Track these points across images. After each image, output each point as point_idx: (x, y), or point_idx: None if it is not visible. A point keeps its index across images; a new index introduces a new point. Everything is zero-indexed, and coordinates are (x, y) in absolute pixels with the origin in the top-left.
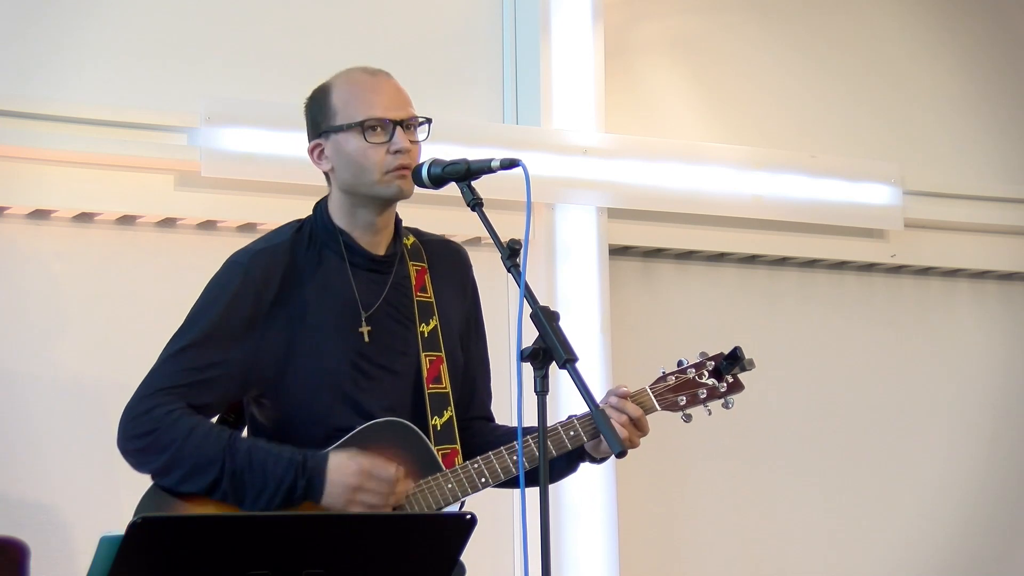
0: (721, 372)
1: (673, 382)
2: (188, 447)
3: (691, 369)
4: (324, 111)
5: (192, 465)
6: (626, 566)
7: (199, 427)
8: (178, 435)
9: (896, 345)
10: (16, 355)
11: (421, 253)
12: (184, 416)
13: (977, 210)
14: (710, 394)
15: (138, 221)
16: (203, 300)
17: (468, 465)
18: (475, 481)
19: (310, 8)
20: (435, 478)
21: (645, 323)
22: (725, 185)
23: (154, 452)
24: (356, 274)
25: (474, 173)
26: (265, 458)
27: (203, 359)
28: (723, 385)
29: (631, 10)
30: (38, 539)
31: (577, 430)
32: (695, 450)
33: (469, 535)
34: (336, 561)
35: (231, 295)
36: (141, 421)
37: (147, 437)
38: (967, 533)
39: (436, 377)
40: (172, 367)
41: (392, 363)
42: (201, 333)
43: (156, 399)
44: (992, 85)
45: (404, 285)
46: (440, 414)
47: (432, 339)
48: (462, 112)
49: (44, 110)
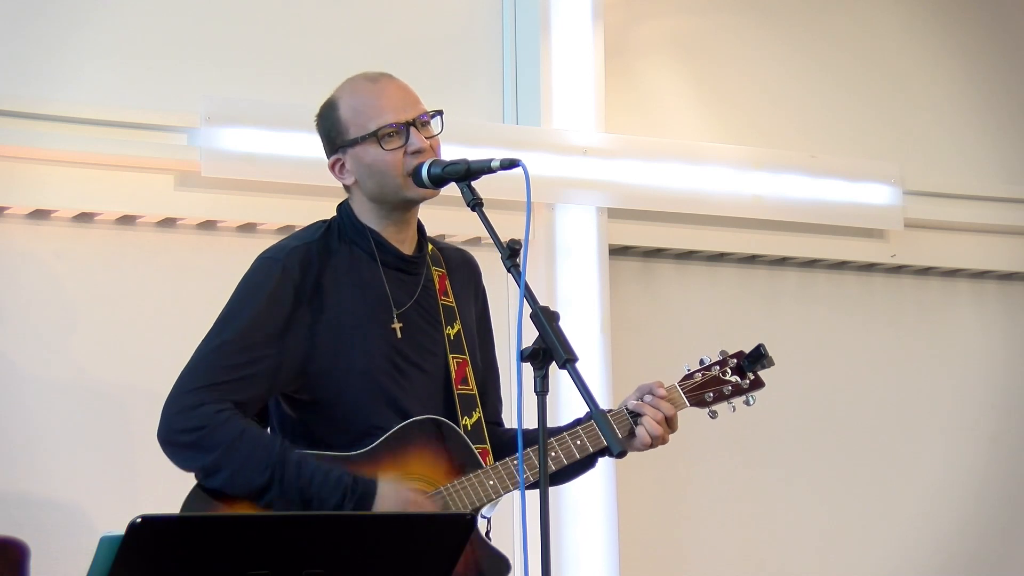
0: (744, 369)
1: (700, 379)
2: (239, 450)
3: (715, 367)
4: (336, 126)
5: (241, 468)
6: (626, 566)
7: (249, 430)
8: (229, 436)
9: (896, 345)
10: (16, 355)
11: (440, 259)
12: (235, 417)
13: (977, 210)
14: (735, 391)
15: (138, 221)
16: (240, 296)
17: (508, 462)
18: (515, 476)
19: (310, 8)
20: (476, 475)
21: (645, 323)
22: (725, 185)
23: (202, 450)
24: (387, 272)
25: (474, 173)
26: (312, 473)
27: (246, 355)
28: (746, 382)
29: (631, 10)
30: (38, 539)
31: (583, 440)
32: (695, 450)
33: (469, 535)
34: (336, 561)
35: (269, 291)
36: (191, 415)
37: (197, 432)
38: (967, 533)
39: (464, 379)
40: (215, 363)
41: (423, 362)
42: (242, 329)
43: (204, 395)
44: (992, 85)
45: (430, 288)
46: (470, 415)
47: (458, 342)
48: (462, 112)
49: (44, 110)
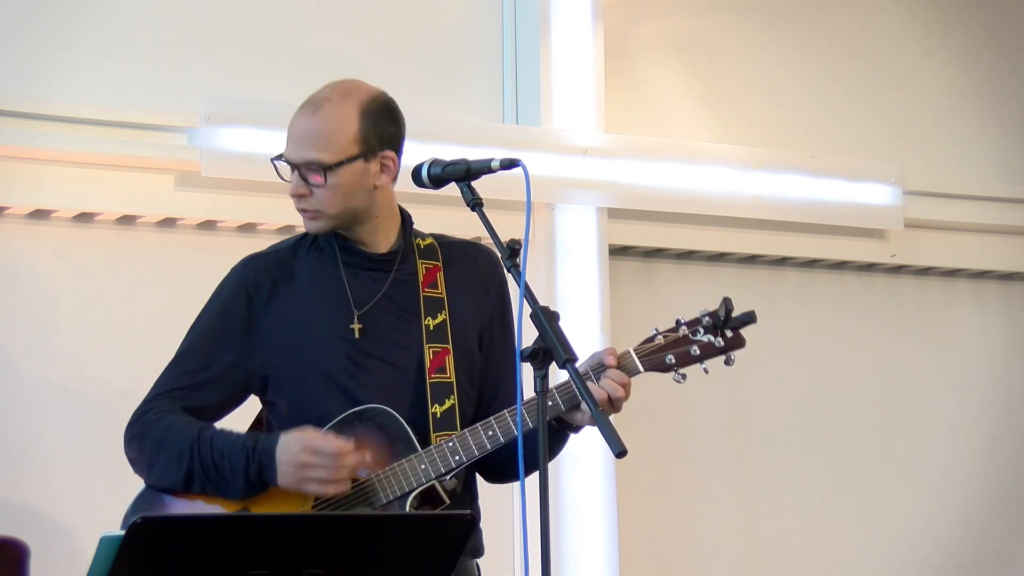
0: (719, 328)
1: (662, 342)
2: (164, 442)
3: (684, 327)
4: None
5: (166, 459)
6: (626, 566)
7: (175, 423)
8: (157, 432)
9: (896, 345)
10: (16, 355)
11: (436, 253)
12: (167, 415)
13: (977, 210)
14: (705, 351)
15: (138, 221)
16: (204, 307)
17: (442, 444)
18: (448, 459)
19: (310, 8)
20: (408, 460)
21: (645, 323)
22: (725, 185)
23: (139, 453)
24: (352, 273)
25: (474, 173)
26: (223, 445)
27: (198, 362)
28: (719, 340)
29: (631, 10)
30: (38, 539)
31: (555, 398)
32: (695, 450)
33: (469, 535)
34: (336, 561)
35: (224, 300)
36: (133, 427)
37: (135, 440)
38: (967, 533)
39: (440, 367)
40: (171, 372)
41: (391, 356)
42: (197, 338)
43: (152, 404)
44: (992, 85)
45: (409, 281)
46: (441, 402)
47: (439, 332)
48: (462, 112)
49: (44, 110)
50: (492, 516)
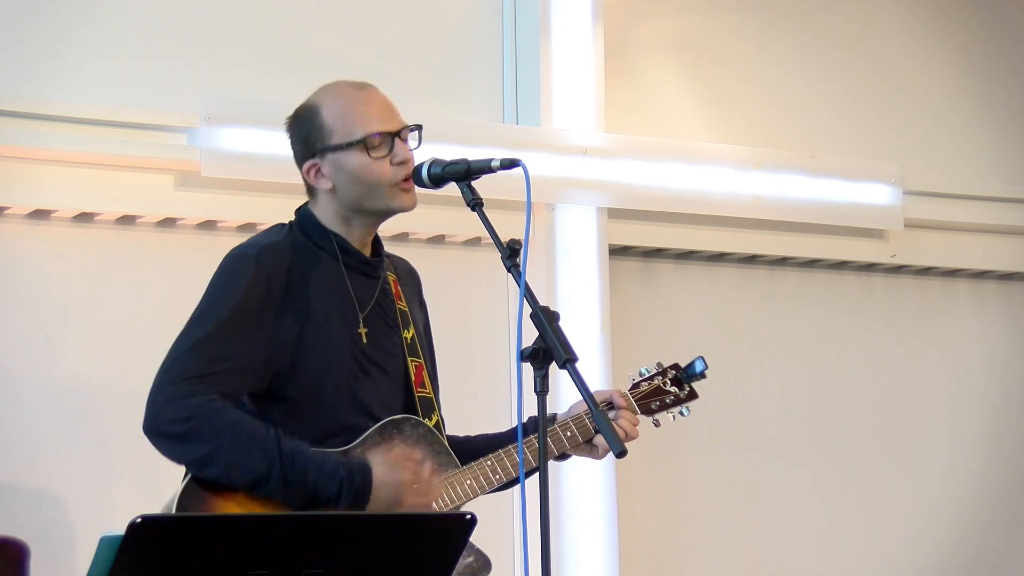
0: (680, 381)
1: (646, 388)
2: (234, 440)
3: (657, 377)
4: (316, 131)
5: (237, 458)
6: (626, 566)
7: (243, 421)
8: (222, 426)
9: (896, 345)
10: (16, 355)
11: (391, 265)
12: (227, 407)
13: (977, 210)
14: (674, 401)
15: (138, 221)
16: (216, 290)
17: (483, 462)
18: (490, 478)
19: (310, 8)
20: (454, 474)
21: (645, 323)
22: (725, 185)
23: (195, 441)
24: (351, 275)
25: (474, 173)
26: (308, 463)
27: (229, 347)
28: (683, 393)
29: (631, 10)
30: (38, 539)
31: (573, 430)
32: (695, 450)
33: (469, 535)
34: (336, 561)
35: (246, 283)
36: (181, 406)
37: (188, 423)
38: (967, 533)
39: (422, 382)
40: (200, 356)
41: (386, 364)
42: (223, 321)
43: (192, 386)
44: (992, 85)
45: (388, 291)
46: (429, 417)
47: (413, 346)
48: (462, 112)
49: (44, 110)
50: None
